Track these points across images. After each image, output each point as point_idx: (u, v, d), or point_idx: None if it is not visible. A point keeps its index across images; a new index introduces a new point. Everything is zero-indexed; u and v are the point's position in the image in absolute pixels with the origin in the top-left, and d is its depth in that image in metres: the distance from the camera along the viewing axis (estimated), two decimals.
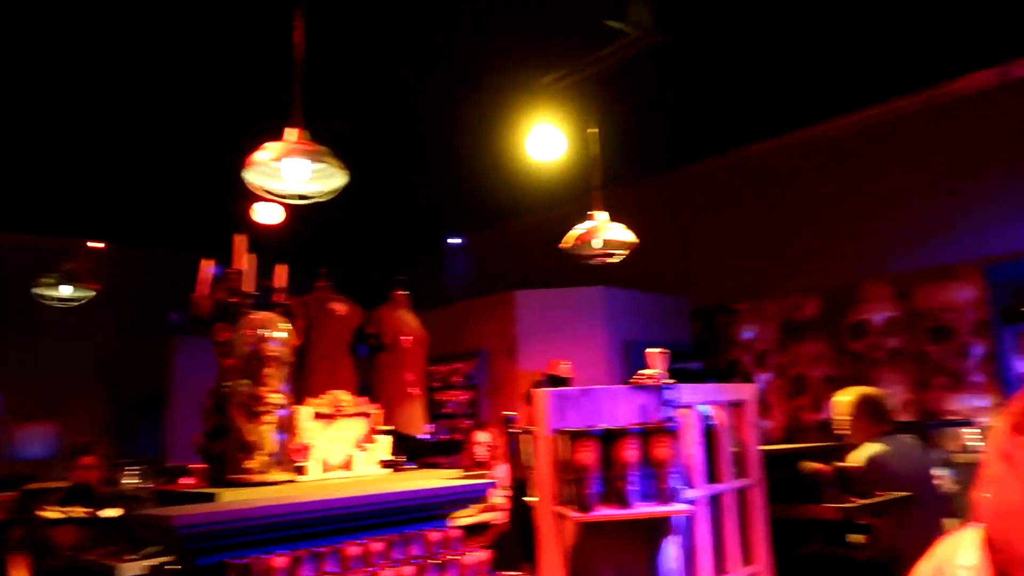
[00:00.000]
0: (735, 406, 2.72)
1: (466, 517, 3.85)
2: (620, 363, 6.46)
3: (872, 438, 3.23)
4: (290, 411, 2.27)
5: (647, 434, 2.08)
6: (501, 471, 4.69)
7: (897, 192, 5.91)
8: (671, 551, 2.24)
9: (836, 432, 3.41)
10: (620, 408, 2.30)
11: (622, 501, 2.04)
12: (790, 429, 6.46)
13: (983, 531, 1.26)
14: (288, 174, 2.77)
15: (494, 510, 4.43)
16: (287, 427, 2.24)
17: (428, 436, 5.56)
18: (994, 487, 1.23)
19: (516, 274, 7.30)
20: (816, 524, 2.90)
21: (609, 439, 2.07)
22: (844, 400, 3.45)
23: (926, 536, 1.54)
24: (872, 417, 3.31)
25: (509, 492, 4.34)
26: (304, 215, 4.17)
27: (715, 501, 2.58)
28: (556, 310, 6.39)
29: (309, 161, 2.74)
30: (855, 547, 2.87)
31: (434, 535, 2.11)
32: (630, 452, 2.05)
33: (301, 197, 2.87)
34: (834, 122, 6.16)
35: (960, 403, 5.64)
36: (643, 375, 2.42)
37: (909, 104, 5.83)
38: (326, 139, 2.82)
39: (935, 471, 3.43)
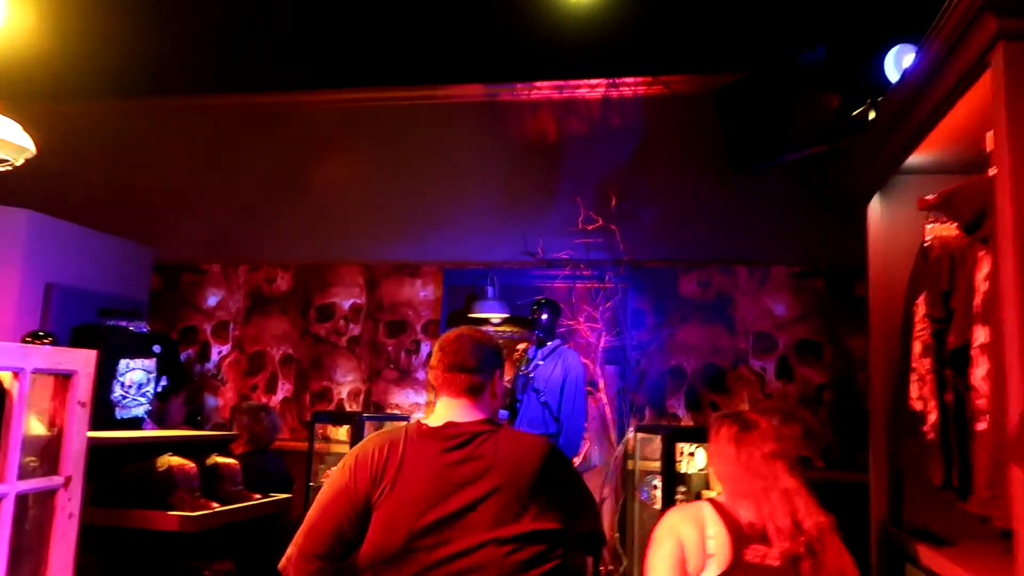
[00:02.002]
0: (59, 377, 2.00)
1: None
2: (38, 309, 5.17)
3: None
4: None
5: None
6: None
7: (384, 181, 5.85)
8: None
9: None
10: None
11: None
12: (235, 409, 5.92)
13: (717, 501, 1.57)
14: None
15: None
16: None
17: None
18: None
19: None
20: (161, 534, 2.33)
21: None
22: None
23: None
24: None
25: None
26: None
27: None
28: None
29: None
30: (200, 560, 2.37)
31: None
32: None
33: None
34: (335, 94, 5.89)
35: (404, 397, 5.77)
36: None
37: (411, 97, 5.85)
38: None
39: None
